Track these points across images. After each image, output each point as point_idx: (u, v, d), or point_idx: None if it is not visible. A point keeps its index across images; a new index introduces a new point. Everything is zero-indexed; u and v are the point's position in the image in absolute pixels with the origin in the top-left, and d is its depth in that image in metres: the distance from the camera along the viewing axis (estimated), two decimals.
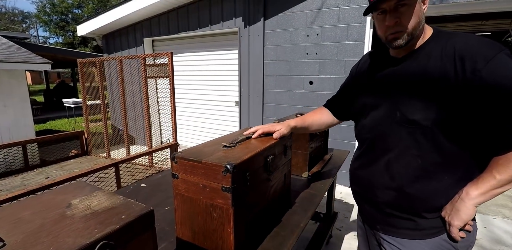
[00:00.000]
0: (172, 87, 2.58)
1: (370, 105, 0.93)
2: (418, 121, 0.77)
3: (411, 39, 0.80)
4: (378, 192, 0.90)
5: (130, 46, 4.85)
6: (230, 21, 3.65)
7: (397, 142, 0.83)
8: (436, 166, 0.78)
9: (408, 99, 0.80)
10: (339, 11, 2.95)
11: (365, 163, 0.95)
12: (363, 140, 0.96)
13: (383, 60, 0.93)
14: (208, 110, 4.45)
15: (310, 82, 3.27)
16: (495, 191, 0.73)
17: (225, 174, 0.70)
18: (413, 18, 0.77)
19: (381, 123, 0.88)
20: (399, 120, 0.81)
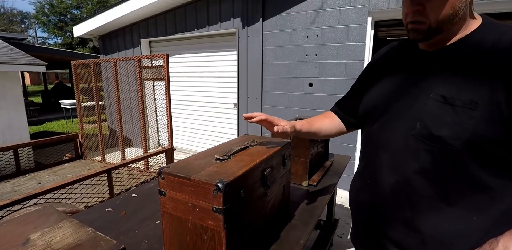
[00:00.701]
0: (167, 90, 2.51)
1: (382, 109, 0.71)
2: (444, 138, 0.58)
3: (434, 35, 0.62)
4: (382, 225, 0.71)
5: (127, 47, 4.77)
6: (228, 22, 3.58)
7: (410, 162, 0.64)
8: (462, 200, 0.60)
9: (436, 107, 0.60)
10: (339, 12, 2.88)
11: (367, 183, 0.76)
12: (366, 153, 0.78)
13: (410, 52, 0.73)
14: (206, 112, 4.38)
15: (310, 84, 3.20)
16: None
17: (216, 194, 0.62)
18: (446, 9, 0.58)
19: (391, 134, 0.68)
20: (418, 133, 0.62)
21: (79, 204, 1.76)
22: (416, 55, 0.71)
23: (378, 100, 0.75)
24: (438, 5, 0.58)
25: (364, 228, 0.79)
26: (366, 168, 0.78)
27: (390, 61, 0.79)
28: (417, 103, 0.64)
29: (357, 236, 0.85)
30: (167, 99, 2.52)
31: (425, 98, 0.62)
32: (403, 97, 0.68)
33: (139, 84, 2.68)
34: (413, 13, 0.62)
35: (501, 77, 0.54)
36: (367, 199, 0.76)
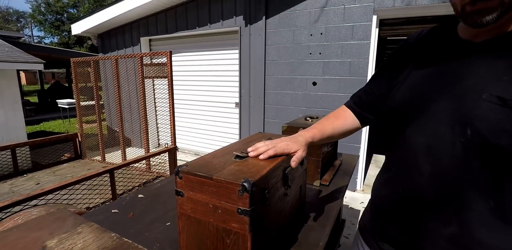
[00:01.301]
0: (170, 88, 2.45)
1: (419, 109, 0.61)
2: (504, 147, 0.49)
3: (505, 13, 0.50)
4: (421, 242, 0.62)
5: (126, 46, 4.71)
6: (230, 20, 3.53)
7: (458, 173, 0.55)
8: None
9: (492, 111, 0.50)
10: (344, 10, 2.84)
11: (399, 192, 0.66)
12: (399, 159, 0.68)
13: (449, 44, 0.62)
14: (207, 111, 4.33)
15: (314, 83, 3.16)
16: None
17: (241, 194, 0.57)
18: None
19: (436, 140, 0.58)
20: (470, 141, 0.53)
21: (81, 205, 1.70)
22: (459, 46, 0.59)
23: (414, 98, 0.64)
24: None
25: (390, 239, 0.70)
26: (398, 175, 0.68)
27: (424, 52, 0.67)
28: (465, 105, 0.54)
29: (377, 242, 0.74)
30: (170, 98, 2.46)
31: (476, 99, 0.52)
32: (446, 97, 0.57)
33: (140, 82, 2.61)
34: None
35: None
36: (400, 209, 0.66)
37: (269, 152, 0.71)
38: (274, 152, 0.71)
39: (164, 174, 2.53)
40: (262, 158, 0.71)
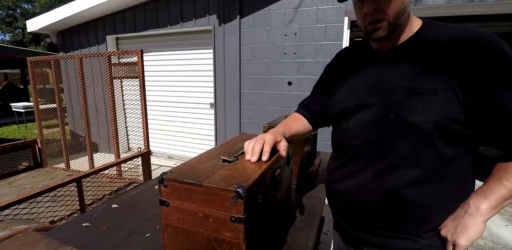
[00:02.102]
0: (142, 89, 2.32)
1: (354, 107, 0.78)
2: (417, 124, 0.65)
3: (394, 30, 0.70)
4: (367, 211, 0.77)
5: (91, 44, 4.41)
6: (203, 19, 3.44)
7: (390, 150, 0.71)
8: (435, 177, 0.68)
9: (404, 98, 0.68)
10: (317, 11, 2.89)
11: (348, 175, 0.80)
12: (346, 148, 0.82)
13: (366, 54, 0.81)
14: (181, 112, 4.19)
15: (289, 82, 3.18)
16: (506, 203, 0.64)
17: (235, 201, 0.53)
18: (395, 4, 0.66)
19: (370, 128, 0.74)
20: (393, 123, 0.69)
21: (44, 219, 1.54)
22: (373, 55, 0.79)
23: (348, 99, 0.80)
24: (388, 3, 0.66)
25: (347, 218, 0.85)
26: (347, 163, 0.81)
27: (349, 63, 0.86)
28: (386, 97, 0.71)
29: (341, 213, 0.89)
30: (142, 99, 2.33)
31: (393, 91, 0.69)
32: (372, 93, 0.74)
33: (108, 83, 2.44)
34: (372, 13, 0.69)
35: (449, 67, 0.64)
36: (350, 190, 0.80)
37: (266, 149, 0.72)
38: (269, 146, 0.73)
39: (137, 180, 2.38)
40: (264, 159, 0.70)
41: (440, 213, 0.70)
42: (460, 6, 2.58)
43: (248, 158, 0.70)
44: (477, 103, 0.62)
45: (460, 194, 0.70)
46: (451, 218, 0.69)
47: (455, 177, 0.70)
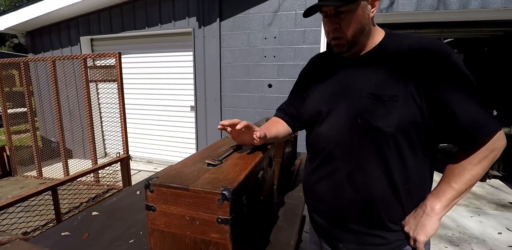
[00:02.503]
0: (121, 92, 2.26)
1: (326, 112, 0.84)
2: (381, 128, 0.72)
3: (353, 46, 0.77)
4: (342, 209, 0.83)
5: (63, 45, 4.23)
6: (183, 21, 3.42)
7: (359, 151, 0.77)
8: (399, 175, 0.75)
9: (369, 104, 0.74)
10: (295, 15, 2.97)
11: (324, 176, 0.86)
12: (319, 151, 0.87)
13: (336, 62, 0.87)
14: (160, 116, 4.11)
15: (269, 85, 3.23)
16: (455, 201, 0.73)
17: (221, 203, 0.55)
18: (354, 25, 0.73)
19: (340, 131, 0.80)
20: (360, 127, 0.75)
21: (16, 230, 1.47)
22: (342, 62, 0.84)
23: (321, 104, 0.86)
24: (349, 22, 0.73)
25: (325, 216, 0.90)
26: (322, 164, 0.86)
27: (321, 70, 0.92)
28: (354, 103, 0.77)
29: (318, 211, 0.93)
30: (121, 103, 2.27)
31: (360, 98, 0.76)
32: (341, 99, 0.80)
33: (84, 87, 2.36)
34: (332, 31, 0.76)
35: (408, 75, 0.70)
36: (327, 190, 0.85)
37: (244, 123, 0.79)
38: (247, 123, 0.80)
39: (116, 186, 2.31)
40: (239, 127, 0.77)
41: (405, 207, 0.78)
42: (426, 13, 2.75)
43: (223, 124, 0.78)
44: (431, 106, 0.69)
45: (422, 189, 0.78)
46: (412, 216, 0.77)
47: (417, 174, 0.77)
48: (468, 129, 0.67)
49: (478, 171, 0.70)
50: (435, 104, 0.69)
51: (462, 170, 0.71)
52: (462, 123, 0.67)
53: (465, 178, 0.70)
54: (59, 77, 2.86)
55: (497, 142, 0.68)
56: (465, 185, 0.70)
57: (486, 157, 0.69)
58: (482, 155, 0.69)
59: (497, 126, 0.67)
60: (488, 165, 0.70)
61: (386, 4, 2.76)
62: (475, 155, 0.69)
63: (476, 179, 0.71)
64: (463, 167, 0.71)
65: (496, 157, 0.70)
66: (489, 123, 0.66)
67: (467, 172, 0.70)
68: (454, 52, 0.70)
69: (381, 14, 2.81)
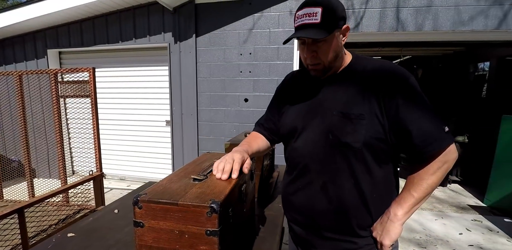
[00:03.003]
0: (95, 108, 2.20)
1: (301, 128, 0.90)
2: (350, 143, 0.80)
3: (328, 70, 0.86)
4: (318, 218, 0.90)
5: (28, 58, 4.04)
6: (158, 36, 3.44)
7: (331, 165, 0.84)
8: (367, 185, 0.83)
9: (338, 122, 0.81)
10: (269, 33, 3.12)
11: (300, 188, 0.93)
12: (296, 164, 0.93)
13: (310, 81, 0.94)
14: (134, 131, 4.00)
15: (245, 99, 3.31)
16: (415, 208, 0.81)
17: (210, 215, 0.58)
18: (330, 53, 0.82)
19: (314, 146, 0.87)
20: (331, 142, 0.83)
21: None
22: (315, 81, 0.92)
23: (296, 121, 0.92)
24: (325, 51, 0.82)
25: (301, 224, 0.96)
26: (298, 177, 0.93)
27: (296, 88, 0.99)
28: (325, 120, 0.85)
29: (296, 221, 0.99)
30: (95, 119, 2.20)
31: (331, 115, 0.83)
32: (315, 117, 0.88)
33: (54, 102, 2.26)
34: (310, 58, 0.83)
35: (372, 95, 0.79)
36: (303, 201, 0.92)
37: (236, 167, 0.78)
38: (238, 165, 0.80)
39: (88, 206, 2.19)
40: (234, 177, 0.76)
41: (373, 214, 0.85)
42: (388, 33, 3.03)
43: (219, 177, 0.75)
44: (390, 124, 0.78)
45: (389, 197, 0.86)
46: (379, 222, 0.84)
47: (383, 184, 0.85)
48: (421, 145, 0.76)
49: (434, 181, 0.78)
50: (394, 122, 0.78)
51: (420, 180, 0.79)
52: (416, 140, 0.76)
53: (423, 187, 0.79)
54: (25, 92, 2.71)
55: (449, 155, 0.78)
56: (423, 193, 0.79)
57: (440, 168, 0.78)
58: (436, 166, 0.78)
59: (447, 141, 0.77)
60: (442, 175, 0.79)
61: (352, 25, 3.01)
62: (430, 166, 0.78)
63: (432, 188, 0.79)
64: (420, 177, 0.79)
65: (449, 168, 0.80)
66: (440, 138, 0.76)
67: (424, 181, 0.79)
68: (411, 75, 0.80)
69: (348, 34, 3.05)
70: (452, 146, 0.78)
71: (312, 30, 0.77)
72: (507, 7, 2.81)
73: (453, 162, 0.80)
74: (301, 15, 0.79)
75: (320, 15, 0.76)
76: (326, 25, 0.77)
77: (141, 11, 3.46)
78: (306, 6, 0.78)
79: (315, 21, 0.76)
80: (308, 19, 0.77)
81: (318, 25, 0.77)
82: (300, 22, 0.79)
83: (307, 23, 0.78)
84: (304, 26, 0.79)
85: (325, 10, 0.76)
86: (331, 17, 0.77)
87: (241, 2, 3.14)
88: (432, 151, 0.76)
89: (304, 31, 0.79)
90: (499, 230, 2.61)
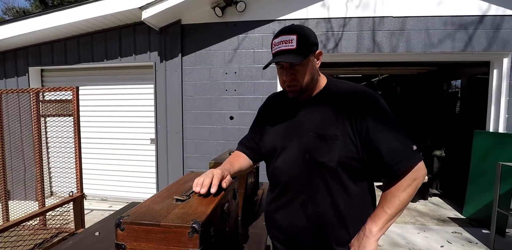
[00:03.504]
0: (77, 128, 2.17)
1: (280, 148, 0.95)
2: (325, 163, 0.84)
3: (305, 91, 0.92)
4: (297, 235, 0.93)
5: (8, 76, 3.97)
6: (144, 55, 3.49)
7: (309, 183, 0.89)
8: (343, 202, 0.87)
9: (314, 142, 0.87)
10: (254, 53, 3.25)
11: (281, 206, 0.97)
12: (277, 183, 0.98)
13: (288, 103, 1.00)
14: (116, 149, 3.92)
15: (231, 117, 3.35)
16: (389, 224, 0.84)
17: (191, 236, 0.60)
18: (307, 76, 0.88)
19: (292, 166, 0.91)
20: (308, 162, 0.87)
21: None
22: (294, 104, 0.99)
23: (276, 141, 0.97)
24: (303, 74, 0.88)
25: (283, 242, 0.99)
26: (279, 195, 0.97)
27: (276, 110, 1.05)
28: (303, 141, 0.90)
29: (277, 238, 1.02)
30: (77, 138, 2.17)
31: (307, 136, 0.89)
32: (293, 137, 0.93)
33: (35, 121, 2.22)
34: (289, 80, 0.89)
35: (345, 117, 0.85)
36: (284, 218, 0.96)
37: (215, 182, 0.82)
38: (217, 180, 0.83)
39: (67, 229, 2.10)
40: (213, 191, 0.80)
41: (350, 230, 0.89)
42: (365, 54, 3.23)
43: (198, 190, 0.78)
44: (362, 144, 0.83)
45: (365, 215, 0.88)
46: (356, 238, 0.87)
47: (359, 200, 0.90)
48: (391, 163, 0.81)
49: (405, 197, 0.82)
50: (365, 142, 0.83)
51: (392, 197, 0.83)
52: (386, 159, 0.81)
53: (396, 203, 0.82)
54: None
55: (418, 172, 0.83)
56: (396, 209, 0.83)
57: (410, 185, 0.83)
58: (407, 183, 0.82)
59: (416, 159, 0.82)
60: (413, 191, 0.84)
61: (331, 46, 3.19)
62: (401, 183, 0.82)
63: (404, 204, 0.83)
64: (393, 194, 0.83)
65: (419, 184, 0.84)
66: (409, 156, 0.81)
67: (396, 198, 0.83)
68: (380, 98, 0.88)
69: (328, 55, 3.22)
70: (421, 163, 0.84)
71: (289, 55, 0.84)
72: (471, 31, 3.08)
73: (423, 179, 0.85)
74: (278, 42, 0.86)
75: (296, 42, 0.83)
76: (301, 50, 0.84)
77: (127, 30, 3.53)
78: (282, 34, 0.86)
79: (292, 47, 0.84)
80: (285, 46, 0.85)
81: (295, 51, 0.84)
82: (278, 48, 0.86)
83: (284, 49, 0.85)
84: (281, 52, 0.85)
85: (299, 37, 0.84)
86: (305, 43, 0.85)
87: (227, 23, 3.28)
88: (401, 169, 0.82)
89: (282, 56, 0.85)
90: (477, 241, 2.69)
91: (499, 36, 3.06)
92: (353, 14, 3.16)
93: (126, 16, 3.30)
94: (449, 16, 3.08)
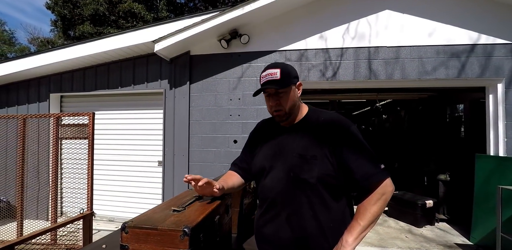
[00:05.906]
0: (91, 150, 2.36)
1: (268, 167, 1.08)
2: (307, 179, 0.98)
3: (289, 116, 1.08)
4: (283, 247, 1.02)
5: (31, 101, 4.30)
6: (155, 83, 3.78)
7: (293, 198, 1.00)
8: (324, 216, 0.98)
9: (297, 162, 1.01)
10: (256, 81, 3.48)
11: (268, 220, 1.07)
12: (265, 199, 1.09)
13: (275, 129, 1.16)
14: (126, 171, 4.07)
15: (235, 141, 3.51)
16: (363, 234, 0.94)
17: (183, 238, 0.72)
18: (289, 102, 1.05)
19: (279, 183, 1.04)
20: (293, 179, 1.00)
21: None
22: (280, 129, 1.15)
23: (264, 162, 1.11)
24: (286, 100, 1.05)
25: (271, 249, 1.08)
26: (267, 210, 1.08)
27: (265, 134, 1.20)
28: (287, 161, 1.04)
29: None
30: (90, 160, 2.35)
31: (291, 157, 1.03)
32: (279, 158, 1.07)
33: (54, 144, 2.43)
34: (275, 105, 1.06)
35: (323, 140, 1.00)
36: (271, 232, 1.06)
37: (204, 180, 1.01)
38: (207, 179, 1.03)
39: (76, 246, 2.19)
40: (201, 183, 0.99)
41: (331, 241, 0.98)
42: (362, 81, 3.42)
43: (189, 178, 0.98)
44: (338, 163, 0.98)
45: (344, 227, 0.97)
46: (335, 248, 0.96)
47: (338, 213, 1.01)
48: (361, 179, 0.95)
49: (375, 210, 0.94)
50: (340, 162, 0.98)
51: (364, 210, 0.95)
52: (357, 176, 0.95)
53: (367, 216, 0.94)
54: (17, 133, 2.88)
55: (385, 187, 0.96)
56: (368, 221, 0.93)
57: (379, 199, 0.95)
58: (376, 197, 0.95)
59: (382, 176, 0.96)
60: (382, 205, 0.95)
61: (330, 74, 3.40)
62: (371, 197, 0.95)
63: (374, 216, 0.94)
64: (365, 207, 0.95)
65: (387, 198, 0.97)
66: (376, 174, 0.95)
67: (367, 211, 0.94)
68: (353, 124, 1.04)
69: (327, 82, 3.43)
70: (388, 180, 0.97)
71: (274, 84, 1.03)
72: (464, 59, 3.26)
73: (391, 194, 0.98)
74: (265, 75, 1.07)
75: (280, 74, 1.03)
76: (284, 80, 1.03)
77: (140, 60, 3.87)
78: (268, 69, 1.07)
79: (276, 78, 1.03)
80: (270, 77, 1.05)
81: (278, 81, 1.03)
82: (265, 79, 1.06)
83: (270, 80, 1.04)
84: (268, 82, 1.05)
85: (282, 70, 1.04)
86: (287, 75, 1.05)
87: (231, 54, 3.58)
88: (370, 185, 0.95)
89: (268, 85, 1.04)
90: None
91: (491, 63, 3.22)
92: (349, 44, 3.41)
93: (140, 48, 3.66)
94: (441, 45, 3.28)
